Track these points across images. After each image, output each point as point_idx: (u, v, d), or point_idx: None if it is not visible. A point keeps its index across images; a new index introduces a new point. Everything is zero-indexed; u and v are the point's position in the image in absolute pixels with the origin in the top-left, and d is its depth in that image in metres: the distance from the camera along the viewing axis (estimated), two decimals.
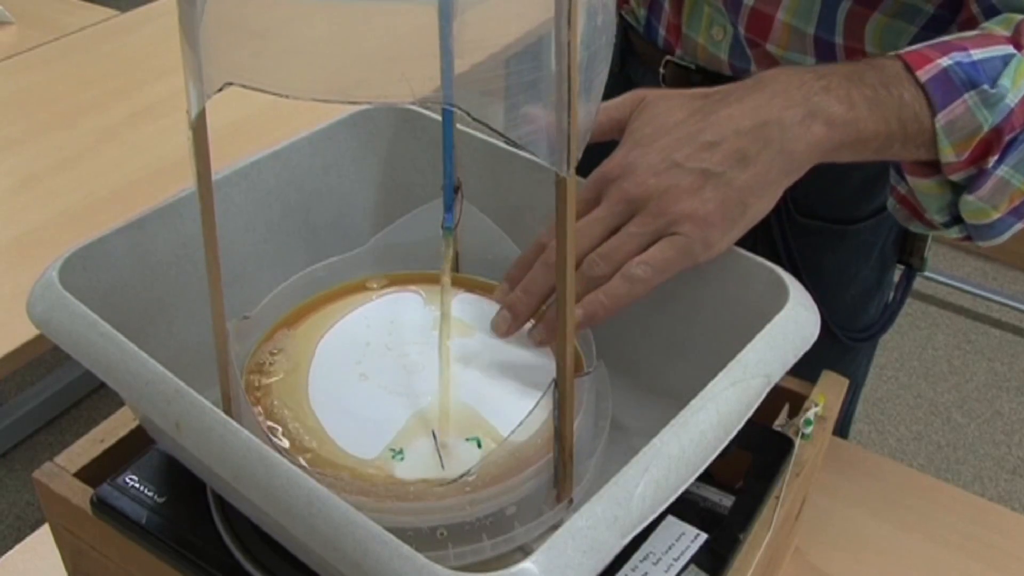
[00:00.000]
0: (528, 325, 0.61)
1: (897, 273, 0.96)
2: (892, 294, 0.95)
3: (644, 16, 0.85)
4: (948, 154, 0.61)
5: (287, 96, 0.40)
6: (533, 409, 0.51)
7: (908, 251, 0.91)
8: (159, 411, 0.49)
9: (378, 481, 0.51)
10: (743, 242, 0.60)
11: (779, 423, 0.65)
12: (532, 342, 0.60)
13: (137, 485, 0.58)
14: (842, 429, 1.03)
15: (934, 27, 0.74)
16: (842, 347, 0.92)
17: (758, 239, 0.81)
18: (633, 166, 0.58)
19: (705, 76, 0.81)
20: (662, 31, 0.83)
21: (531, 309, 0.59)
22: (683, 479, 0.46)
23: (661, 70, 0.84)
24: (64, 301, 0.53)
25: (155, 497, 0.57)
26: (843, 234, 0.87)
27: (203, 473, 0.56)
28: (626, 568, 0.54)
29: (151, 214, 0.61)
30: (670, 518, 0.57)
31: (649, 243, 0.57)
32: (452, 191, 0.59)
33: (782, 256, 0.85)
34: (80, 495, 0.58)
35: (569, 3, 0.39)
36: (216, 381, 0.53)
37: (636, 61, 0.88)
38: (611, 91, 0.89)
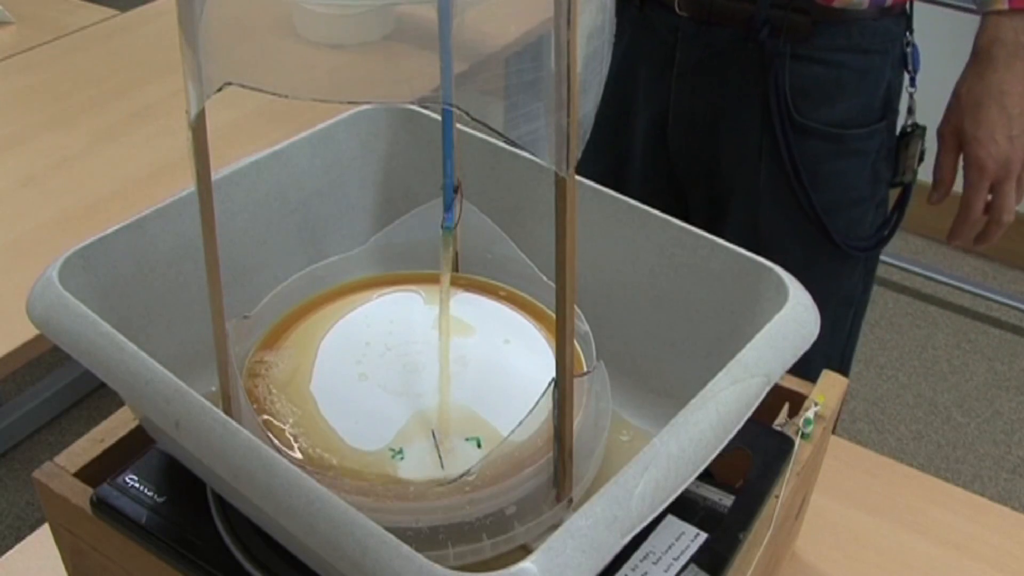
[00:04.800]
0: (530, 325, 0.61)
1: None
2: (892, 213, 1.07)
3: None
4: None
5: (286, 96, 0.40)
6: (533, 409, 0.51)
7: (901, 170, 1.03)
8: (159, 411, 0.49)
9: (378, 481, 0.51)
10: (750, 141, 0.93)
11: (779, 422, 0.65)
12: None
13: (137, 485, 0.58)
14: (842, 363, 1.12)
15: None
16: (840, 256, 1.03)
17: (764, 145, 0.97)
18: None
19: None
20: None
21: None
22: (683, 478, 0.46)
23: None
24: (64, 301, 0.53)
25: (155, 497, 0.57)
26: (839, 139, 0.99)
27: (203, 473, 0.56)
28: (626, 567, 0.54)
29: (151, 214, 0.61)
30: (670, 517, 0.57)
31: None
32: (452, 191, 0.59)
33: (785, 159, 0.98)
34: (80, 495, 0.58)
35: (569, 3, 0.39)
36: (216, 381, 0.53)
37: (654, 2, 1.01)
38: (634, 31, 1.03)
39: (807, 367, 0.61)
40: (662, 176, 1.09)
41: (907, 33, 0.99)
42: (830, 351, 1.08)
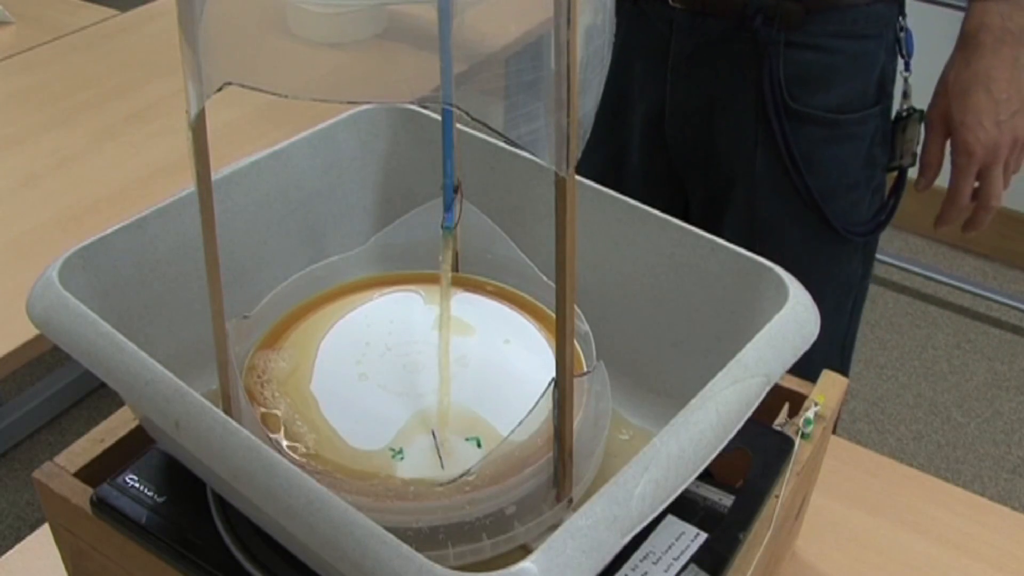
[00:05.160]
0: (530, 325, 0.61)
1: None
2: (888, 198, 1.07)
3: None
4: None
5: (286, 96, 0.40)
6: (533, 409, 0.51)
7: (899, 153, 1.04)
8: (159, 411, 0.49)
9: (378, 480, 0.51)
10: (746, 130, 0.92)
11: (779, 422, 0.65)
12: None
13: (137, 485, 0.58)
14: (843, 352, 1.13)
15: None
16: (839, 241, 1.04)
17: (760, 133, 1.01)
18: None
19: None
20: None
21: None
22: (683, 478, 0.46)
23: None
24: (64, 301, 0.53)
25: (155, 497, 0.57)
26: (834, 124, 0.99)
27: (203, 473, 0.56)
28: (626, 567, 0.54)
29: (151, 214, 0.61)
30: (670, 517, 0.57)
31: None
32: (452, 191, 0.59)
33: (780, 147, 0.99)
34: (80, 495, 0.58)
35: (569, 3, 0.39)
36: (216, 381, 0.53)
37: None
38: (629, 24, 1.04)
39: (807, 358, 0.61)
40: (660, 168, 1.09)
41: (900, 18, 0.99)
42: (831, 338, 1.08)
